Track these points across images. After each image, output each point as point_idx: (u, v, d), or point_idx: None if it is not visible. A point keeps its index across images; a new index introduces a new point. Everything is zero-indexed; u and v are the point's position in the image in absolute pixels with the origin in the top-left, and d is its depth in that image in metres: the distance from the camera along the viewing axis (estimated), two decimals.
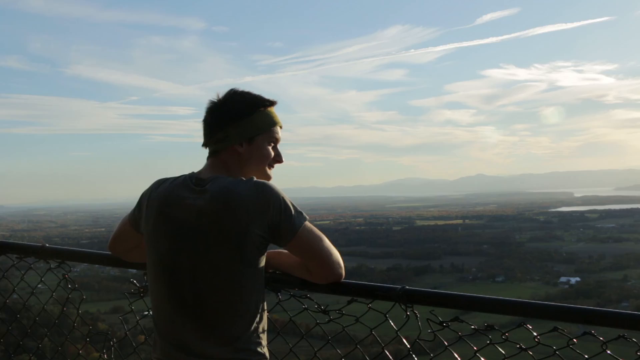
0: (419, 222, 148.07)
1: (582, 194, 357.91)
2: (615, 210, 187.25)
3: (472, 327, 2.23)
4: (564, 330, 2.05)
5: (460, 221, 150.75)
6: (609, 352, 2.03)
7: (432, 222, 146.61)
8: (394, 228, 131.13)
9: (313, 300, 2.61)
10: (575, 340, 2.07)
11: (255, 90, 2.50)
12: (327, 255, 2.34)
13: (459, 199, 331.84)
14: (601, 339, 2.03)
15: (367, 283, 2.47)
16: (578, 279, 75.99)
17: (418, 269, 77.20)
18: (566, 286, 73.09)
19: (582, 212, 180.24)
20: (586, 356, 2.08)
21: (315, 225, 2.38)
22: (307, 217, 2.35)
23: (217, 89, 2.43)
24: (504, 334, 2.19)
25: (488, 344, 2.24)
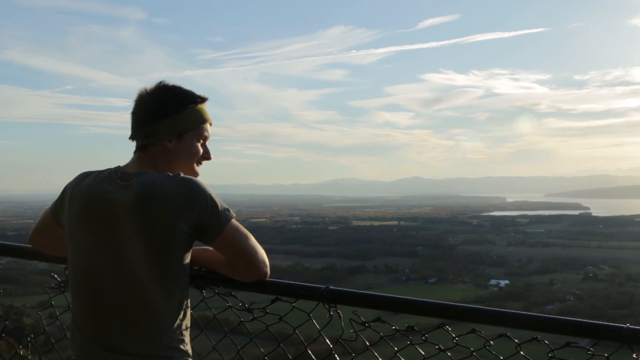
0: (355, 223, 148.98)
1: (514, 199, 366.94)
2: (544, 216, 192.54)
3: (393, 327, 2.26)
4: (480, 332, 2.10)
5: (395, 222, 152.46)
6: (522, 353, 2.08)
7: (368, 223, 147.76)
8: (330, 227, 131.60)
9: (237, 298, 2.60)
10: (492, 342, 2.12)
11: (196, 85, 2.48)
12: (253, 253, 2.33)
13: (395, 200, 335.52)
14: (516, 340, 2.09)
15: (292, 282, 2.48)
16: (507, 281, 77.70)
17: (353, 269, 77.61)
18: (496, 289, 74.66)
19: (513, 217, 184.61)
20: (501, 357, 2.13)
21: (252, 223, 2.36)
22: (234, 215, 2.32)
23: (156, 82, 2.37)
24: (423, 334, 2.22)
25: (408, 344, 2.27)
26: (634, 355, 1.93)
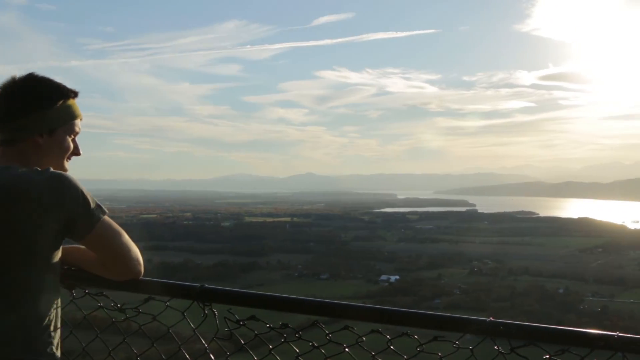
0: (248, 219, 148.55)
1: (404, 196, 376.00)
2: (433, 213, 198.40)
3: (267, 325, 2.26)
4: (353, 328, 2.13)
5: (288, 219, 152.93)
6: (392, 347, 2.13)
7: (260, 219, 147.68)
8: (223, 224, 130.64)
9: (109, 298, 2.53)
10: (364, 338, 2.15)
11: (84, 76, 2.37)
12: (126, 251, 2.28)
13: (288, 196, 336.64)
14: (388, 337, 2.13)
15: (166, 281, 2.43)
16: (397, 277, 79.54)
17: (245, 266, 77.36)
18: (386, 284, 76.28)
19: (403, 214, 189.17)
20: (373, 353, 2.17)
21: (142, 220, 2.29)
22: (107, 212, 2.26)
23: (39, 72, 2.25)
24: (297, 332, 2.23)
25: (282, 342, 2.28)
26: (496, 347, 2.01)
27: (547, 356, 1.96)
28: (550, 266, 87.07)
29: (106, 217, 2.24)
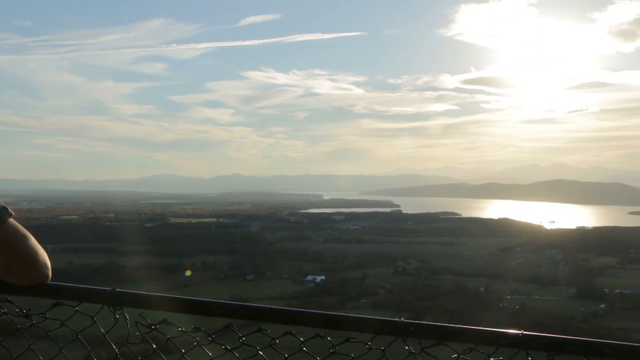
0: (173, 220, 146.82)
1: (330, 196, 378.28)
2: (359, 213, 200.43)
3: (180, 329, 2.23)
4: (266, 331, 2.12)
5: (214, 219, 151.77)
6: (305, 349, 2.13)
7: (185, 220, 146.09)
8: (147, 225, 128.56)
9: (14, 304, 2.44)
10: (277, 340, 2.15)
11: (1, 72, 2.23)
12: (33, 255, 2.20)
13: (214, 197, 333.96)
14: (301, 339, 2.13)
15: (75, 285, 2.36)
16: (323, 277, 79.92)
17: (170, 267, 76.32)
18: (312, 284, 76.55)
19: (329, 214, 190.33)
20: (286, 355, 2.17)
21: (62, 221, 2.22)
22: (13, 214, 2.18)
23: None
24: (210, 335, 2.21)
25: (195, 345, 2.25)
26: (407, 347, 2.04)
27: (456, 355, 2.00)
28: (472, 266, 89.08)
29: (11, 220, 2.16)
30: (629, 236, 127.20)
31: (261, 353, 2.19)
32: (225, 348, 2.22)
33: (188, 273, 75.74)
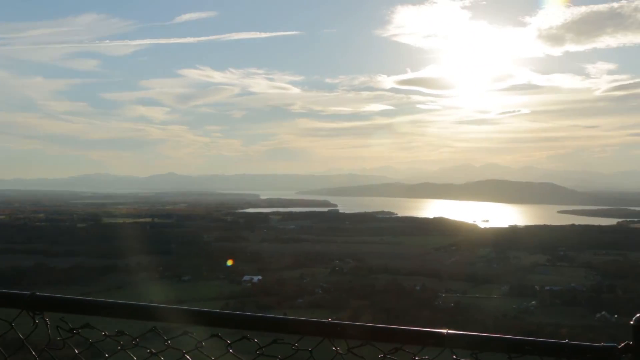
0: (106, 220, 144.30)
1: (267, 196, 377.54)
2: (296, 213, 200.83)
3: (103, 333, 2.17)
4: (192, 334, 2.09)
5: (149, 220, 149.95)
6: (231, 351, 2.11)
7: (120, 220, 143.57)
8: (79, 225, 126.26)
9: None
10: (203, 343, 2.12)
11: None
12: None
13: (149, 197, 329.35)
14: (228, 341, 2.11)
15: None
16: (260, 277, 79.80)
17: (103, 268, 75.10)
18: (249, 284, 76.38)
19: (266, 214, 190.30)
20: (213, 358, 2.14)
21: None
22: None
23: None
24: (134, 339, 2.16)
25: (119, 349, 2.20)
26: (334, 348, 2.04)
27: (382, 355, 2.01)
28: (408, 264, 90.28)
29: None
30: (558, 234, 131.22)
31: (187, 356, 2.16)
32: (150, 352, 2.18)
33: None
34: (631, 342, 1.91)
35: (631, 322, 1.93)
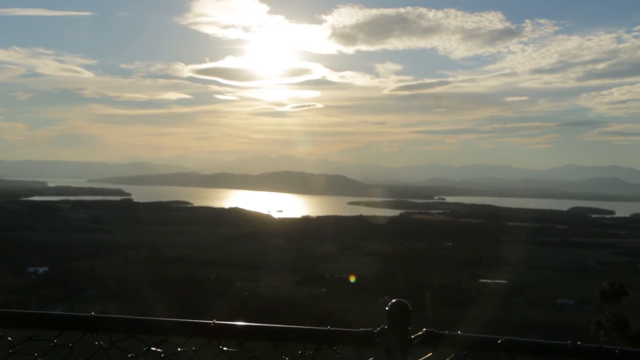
0: None
1: (55, 184, 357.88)
2: (87, 202, 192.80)
3: None
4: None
5: None
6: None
7: None
8: None
9: None
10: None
11: None
12: None
13: None
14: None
15: None
16: (46, 268, 76.02)
17: None
18: (34, 276, 72.48)
19: (54, 202, 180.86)
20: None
21: None
22: None
23: None
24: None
25: None
26: (97, 342, 2.06)
27: (146, 348, 2.10)
28: (203, 254, 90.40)
29: None
30: (347, 224, 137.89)
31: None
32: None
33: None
34: (386, 327, 2.14)
35: (386, 309, 2.18)
